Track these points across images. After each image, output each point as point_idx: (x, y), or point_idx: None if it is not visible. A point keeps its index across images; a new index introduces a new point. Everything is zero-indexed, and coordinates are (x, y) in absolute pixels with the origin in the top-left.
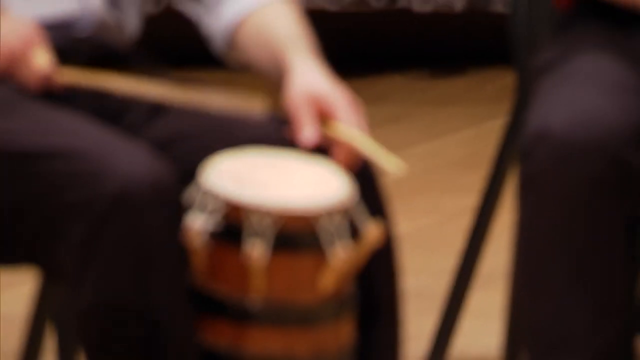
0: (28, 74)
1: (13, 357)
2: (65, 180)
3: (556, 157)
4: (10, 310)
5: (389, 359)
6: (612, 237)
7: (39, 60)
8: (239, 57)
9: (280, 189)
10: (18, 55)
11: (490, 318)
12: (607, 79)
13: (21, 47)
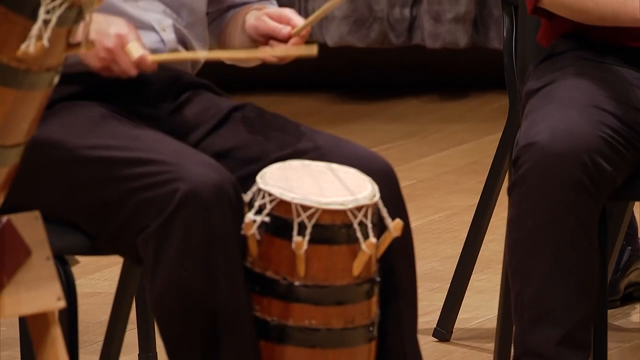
0: (126, 65)
1: (104, 326)
2: (146, 182)
3: (540, 163)
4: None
5: (407, 329)
6: (586, 229)
7: (133, 52)
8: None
9: (320, 190)
10: (115, 52)
11: (489, 295)
12: (581, 101)
13: (117, 44)
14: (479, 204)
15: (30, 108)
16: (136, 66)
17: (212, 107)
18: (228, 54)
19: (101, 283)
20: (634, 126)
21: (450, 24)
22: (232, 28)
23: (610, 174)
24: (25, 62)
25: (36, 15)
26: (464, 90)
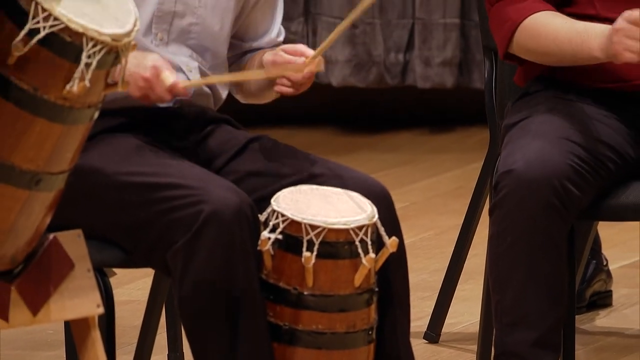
0: (161, 91)
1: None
2: (175, 204)
3: (517, 188)
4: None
5: (401, 333)
6: (557, 245)
7: (167, 80)
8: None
9: (326, 211)
10: (152, 81)
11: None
12: (552, 134)
13: (153, 74)
14: (464, 223)
15: (74, 140)
16: (170, 92)
17: (231, 138)
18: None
19: (135, 292)
20: (597, 156)
21: (438, 67)
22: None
23: (577, 197)
24: (70, 100)
25: (79, 59)
26: (450, 125)
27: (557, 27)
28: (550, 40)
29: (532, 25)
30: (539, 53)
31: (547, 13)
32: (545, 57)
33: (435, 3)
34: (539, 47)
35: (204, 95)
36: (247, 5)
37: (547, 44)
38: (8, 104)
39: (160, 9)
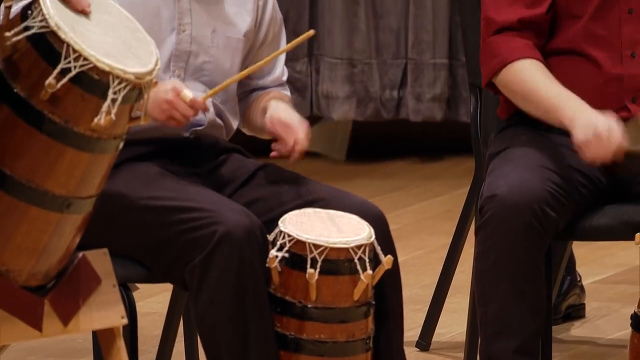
0: (184, 109)
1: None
2: (192, 225)
3: (500, 211)
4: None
5: (395, 341)
6: (536, 262)
7: (187, 97)
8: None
9: (328, 232)
10: (174, 101)
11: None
12: (531, 162)
13: (173, 94)
14: (452, 243)
15: (101, 168)
16: (191, 107)
17: (242, 166)
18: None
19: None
20: (572, 182)
21: (429, 102)
22: (254, 109)
23: (554, 220)
24: (97, 132)
25: (106, 95)
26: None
27: (539, 82)
28: (531, 91)
29: (518, 70)
30: (518, 97)
31: (535, 63)
32: (522, 103)
33: (426, 45)
34: (519, 92)
35: (217, 127)
36: (254, 46)
37: (527, 94)
38: (42, 135)
39: (178, 49)
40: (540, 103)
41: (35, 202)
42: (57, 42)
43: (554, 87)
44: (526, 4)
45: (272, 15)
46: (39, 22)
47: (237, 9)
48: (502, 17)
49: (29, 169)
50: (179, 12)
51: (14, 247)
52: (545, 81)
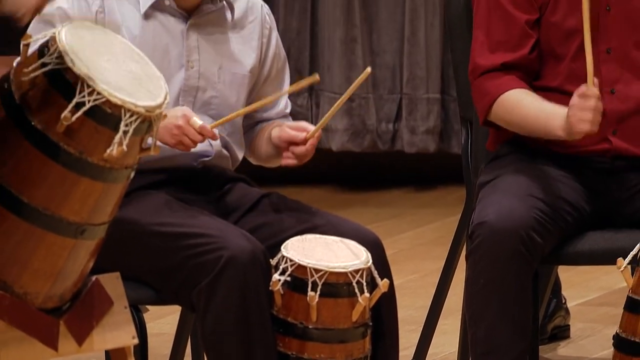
0: (193, 135)
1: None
2: (199, 250)
3: (489, 237)
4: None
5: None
6: (523, 285)
7: (196, 124)
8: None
9: (328, 257)
10: (184, 127)
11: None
12: (518, 191)
13: (184, 121)
14: (444, 267)
15: (113, 196)
16: (200, 133)
17: (247, 195)
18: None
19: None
20: (557, 210)
21: (422, 135)
22: (260, 139)
23: (541, 245)
24: (110, 162)
25: (118, 127)
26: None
27: (527, 105)
28: (522, 116)
29: (507, 101)
30: (513, 125)
31: (520, 91)
32: (518, 129)
33: (420, 81)
34: (513, 120)
35: (223, 158)
36: (258, 81)
37: (519, 119)
38: (57, 165)
39: (186, 84)
40: (533, 125)
41: (52, 229)
42: (72, 78)
43: (540, 106)
44: (509, 48)
45: (276, 52)
46: (55, 59)
47: (243, 46)
48: (487, 61)
49: (45, 197)
50: (187, 49)
51: (31, 272)
52: (532, 104)
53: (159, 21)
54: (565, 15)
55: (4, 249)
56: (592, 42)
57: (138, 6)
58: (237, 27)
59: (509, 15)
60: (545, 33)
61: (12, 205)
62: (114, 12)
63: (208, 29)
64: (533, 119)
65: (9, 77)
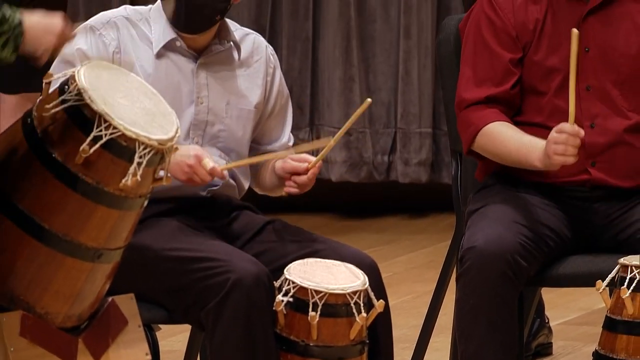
0: (203, 175)
1: None
2: (207, 273)
3: (478, 261)
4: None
5: None
6: (509, 306)
7: (207, 165)
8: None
9: (328, 280)
10: (195, 166)
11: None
12: (505, 218)
13: (195, 161)
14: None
15: (128, 223)
16: (210, 174)
17: (252, 221)
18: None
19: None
20: (541, 235)
21: (415, 166)
22: (264, 170)
23: (525, 268)
24: (125, 192)
25: (132, 159)
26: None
27: (508, 138)
28: (503, 148)
29: (489, 133)
30: (495, 155)
31: (502, 124)
32: (499, 159)
33: (413, 116)
34: (494, 151)
35: (230, 187)
36: (263, 116)
37: (501, 150)
38: (76, 194)
39: (196, 118)
40: (513, 157)
41: (71, 253)
42: (90, 113)
43: (521, 139)
44: (493, 83)
45: (279, 90)
46: (75, 96)
47: (249, 83)
48: (472, 95)
49: (65, 224)
50: (197, 86)
51: (52, 293)
52: (512, 136)
53: (171, 60)
54: (547, 55)
55: (27, 272)
56: None
57: (151, 46)
58: (244, 66)
59: (494, 53)
60: (527, 71)
61: (34, 231)
62: (129, 52)
63: (216, 68)
64: (514, 150)
65: (32, 112)
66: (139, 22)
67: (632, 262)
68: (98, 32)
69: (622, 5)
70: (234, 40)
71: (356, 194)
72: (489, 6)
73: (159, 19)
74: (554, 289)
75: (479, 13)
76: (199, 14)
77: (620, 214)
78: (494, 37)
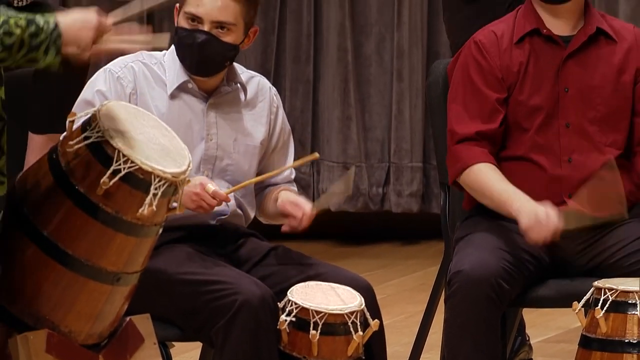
0: (209, 200)
1: None
2: (217, 295)
3: (465, 284)
4: None
5: None
6: (493, 325)
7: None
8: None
9: (327, 301)
10: (201, 194)
11: None
12: (489, 245)
13: (201, 188)
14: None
15: (144, 249)
16: (214, 197)
17: (257, 247)
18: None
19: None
20: (522, 260)
21: (407, 197)
22: (268, 201)
23: (508, 291)
24: (142, 220)
25: (148, 191)
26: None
27: (492, 182)
28: (486, 190)
29: (475, 173)
30: (477, 194)
31: (488, 166)
32: (480, 198)
33: (405, 152)
34: (478, 190)
35: (237, 216)
36: (267, 151)
37: (484, 191)
38: (97, 222)
39: (206, 154)
40: (494, 199)
41: (92, 277)
42: (110, 149)
43: (503, 185)
44: (482, 120)
45: (282, 127)
46: (96, 133)
47: (254, 122)
48: (463, 130)
49: (87, 250)
50: (207, 125)
51: (75, 313)
52: (496, 181)
53: (183, 101)
54: (530, 95)
55: (52, 294)
56: (553, 117)
57: (165, 88)
58: (250, 105)
59: (482, 93)
60: (512, 109)
61: (59, 257)
62: (145, 94)
63: (225, 108)
64: (496, 195)
65: (57, 148)
66: (154, 65)
67: (605, 285)
68: (116, 75)
69: (598, 49)
70: (240, 82)
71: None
72: (476, 50)
73: (173, 63)
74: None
75: (467, 56)
76: (211, 61)
77: (594, 242)
78: (482, 79)
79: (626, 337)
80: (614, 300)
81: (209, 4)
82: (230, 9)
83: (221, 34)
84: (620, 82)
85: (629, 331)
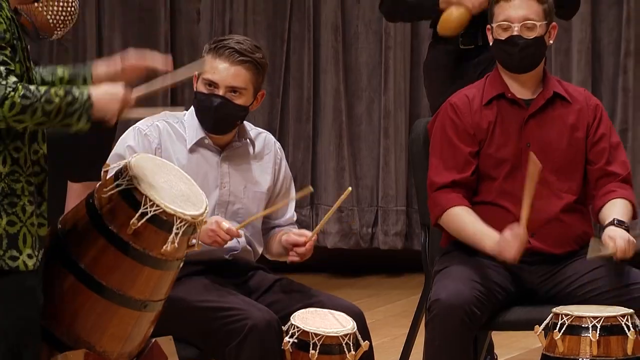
0: (223, 236)
1: None
2: (229, 320)
3: (442, 310)
4: None
5: None
6: (466, 346)
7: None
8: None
9: (324, 324)
10: (216, 230)
11: None
12: (463, 277)
13: (216, 225)
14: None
15: (168, 280)
16: (227, 233)
17: (264, 279)
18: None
19: None
20: (491, 290)
21: (393, 236)
22: (273, 241)
23: (479, 316)
24: (165, 256)
25: (171, 230)
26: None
27: (467, 223)
28: (462, 230)
29: (452, 215)
30: (454, 233)
31: (463, 208)
32: (457, 237)
33: (391, 198)
34: (455, 230)
35: (247, 252)
36: (272, 196)
37: (459, 232)
38: (127, 258)
39: (220, 199)
40: (469, 238)
41: (123, 304)
42: (138, 195)
43: (477, 226)
44: (457, 170)
45: (285, 175)
46: (127, 181)
47: (261, 172)
48: (441, 179)
49: (118, 281)
50: (221, 174)
51: (108, 335)
52: (470, 222)
53: (200, 154)
54: (498, 148)
55: (89, 319)
56: (518, 168)
57: (185, 143)
58: (257, 158)
59: (457, 147)
60: (483, 161)
61: (94, 287)
62: (168, 148)
63: (236, 160)
64: (471, 234)
65: (93, 194)
66: (176, 124)
67: (562, 311)
68: (144, 132)
69: (555, 110)
70: (250, 138)
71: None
72: (452, 110)
73: (192, 122)
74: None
75: (443, 116)
76: (225, 121)
77: (553, 274)
78: (456, 135)
79: (580, 356)
80: (570, 324)
81: (224, 72)
82: (242, 75)
83: (234, 97)
84: (574, 137)
85: (582, 351)
